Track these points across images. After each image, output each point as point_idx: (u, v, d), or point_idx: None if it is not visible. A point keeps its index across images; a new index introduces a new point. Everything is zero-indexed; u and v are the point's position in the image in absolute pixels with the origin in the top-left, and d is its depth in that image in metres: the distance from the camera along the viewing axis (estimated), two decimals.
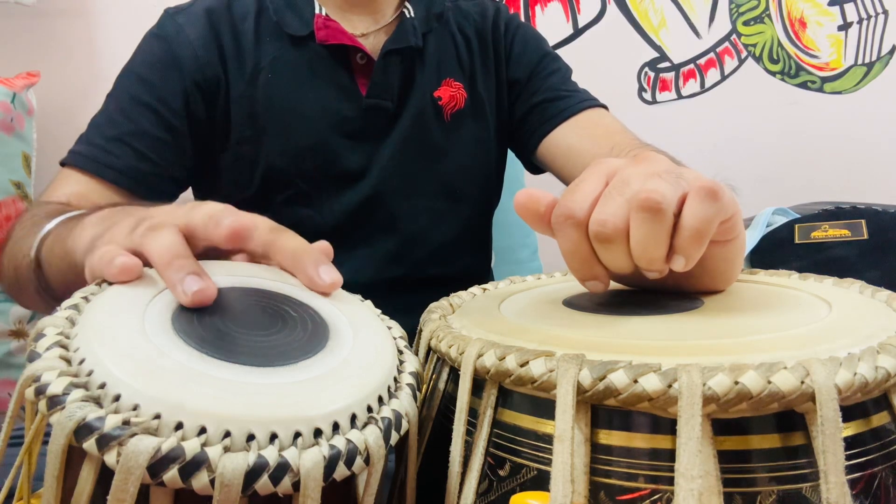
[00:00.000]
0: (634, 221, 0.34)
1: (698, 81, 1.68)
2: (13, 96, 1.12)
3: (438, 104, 0.80)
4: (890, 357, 0.28)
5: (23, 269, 0.55)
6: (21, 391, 0.28)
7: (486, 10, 0.86)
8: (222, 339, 0.30)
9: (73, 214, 0.52)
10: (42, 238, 0.53)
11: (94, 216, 0.46)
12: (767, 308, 0.38)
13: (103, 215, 0.45)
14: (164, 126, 0.72)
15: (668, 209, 0.33)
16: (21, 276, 0.57)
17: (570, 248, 0.36)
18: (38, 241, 0.53)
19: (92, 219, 0.45)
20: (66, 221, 0.52)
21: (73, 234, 0.46)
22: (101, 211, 0.47)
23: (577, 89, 0.85)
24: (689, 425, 0.26)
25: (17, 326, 1.10)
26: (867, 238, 1.02)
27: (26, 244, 0.55)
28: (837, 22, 1.72)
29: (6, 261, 0.62)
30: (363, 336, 0.34)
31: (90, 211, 0.49)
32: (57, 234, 0.51)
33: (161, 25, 0.76)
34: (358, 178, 0.78)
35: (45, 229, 0.53)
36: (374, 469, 0.29)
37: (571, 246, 0.36)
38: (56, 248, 0.50)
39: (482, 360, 0.32)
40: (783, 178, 1.68)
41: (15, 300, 0.68)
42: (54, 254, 0.50)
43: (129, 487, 0.24)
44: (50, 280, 0.51)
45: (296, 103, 0.75)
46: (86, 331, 0.29)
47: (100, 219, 0.45)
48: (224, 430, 0.26)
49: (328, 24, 0.75)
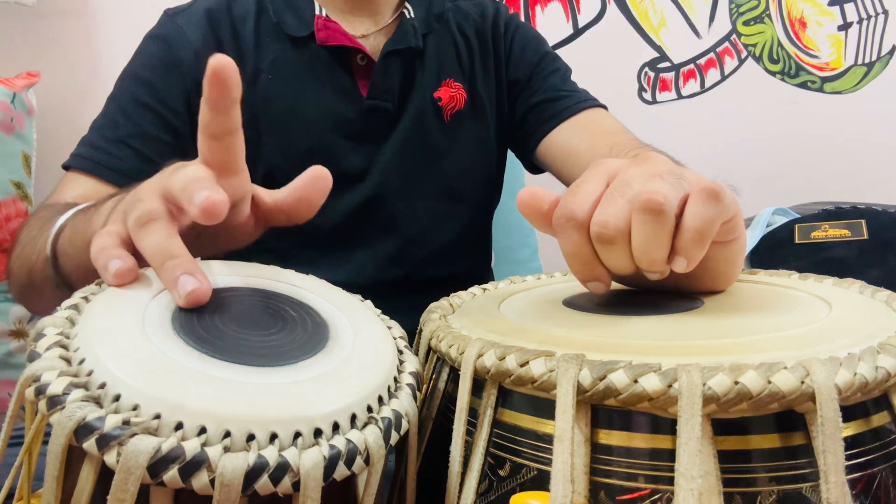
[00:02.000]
0: (636, 223, 0.34)
1: (698, 81, 1.68)
2: (13, 96, 1.12)
3: (438, 105, 0.80)
4: (890, 357, 0.28)
5: (38, 268, 0.55)
6: (21, 391, 0.28)
7: (486, 11, 0.86)
8: (222, 338, 0.30)
9: (87, 205, 0.52)
10: (57, 232, 0.52)
11: (109, 202, 0.46)
12: (767, 308, 0.38)
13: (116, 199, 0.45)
14: (165, 127, 0.72)
15: (669, 210, 0.33)
16: (36, 277, 0.56)
17: (572, 250, 0.36)
18: (53, 236, 0.52)
19: (108, 205, 0.45)
20: (80, 213, 0.51)
21: (91, 223, 0.45)
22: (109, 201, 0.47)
23: (577, 89, 0.85)
24: (689, 425, 0.26)
25: (17, 326, 1.10)
26: (867, 238, 1.02)
27: (40, 242, 0.54)
28: (837, 22, 1.72)
29: (16, 266, 0.61)
30: (363, 336, 0.34)
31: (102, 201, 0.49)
32: (73, 225, 0.51)
33: (161, 26, 0.76)
34: (358, 179, 0.78)
35: (58, 223, 0.52)
36: (374, 469, 0.29)
37: (573, 247, 0.36)
38: (76, 239, 0.49)
39: (482, 360, 0.32)
40: (783, 178, 1.68)
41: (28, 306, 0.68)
42: (74, 245, 0.49)
43: (129, 487, 0.24)
44: (69, 273, 0.51)
45: (296, 104, 0.75)
46: (86, 331, 0.29)
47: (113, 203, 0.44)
48: (224, 430, 0.26)
49: (328, 26, 0.75)
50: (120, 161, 0.70)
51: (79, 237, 0.49)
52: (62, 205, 0.64)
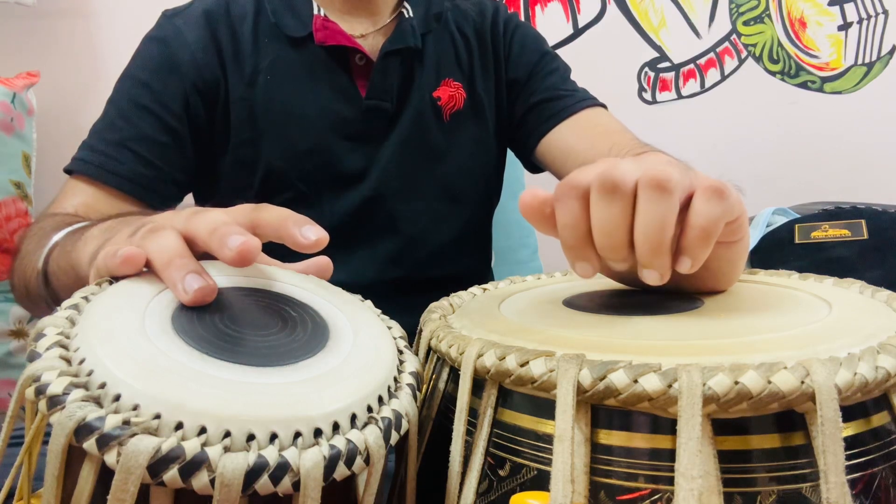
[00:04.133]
0: (642, 200, 0.33)
1: (698, 81, 1.68)
2: (13, 96, 1.12)
3: (437, 104, 0.80)
4: (890, 357, 0.28)
5: (32, 283, 0.56)
6: (21, 391, 0.28)
7: (485, 10, 0.86)
8: (222, 339, 0.30)
9: (78, 226, 0.53)
10: (48, 252, 0.53)
11: (96, 228, 0.46)
12: (767, 308, 0.38)
13: (105, 227, 0.46)
14: (165, 130, 0.72)
15: (675, 191, 0.33)
16: (31, 291, 0.57)
17: (568, 220, 0.35)
18: (44, 255, 0.53)
19: (94, 231, 0.46)
20: (70, 234, 0.52)
21: (76, 247, 0.46)
22: (104, 222, 0.47)
23: (576, 88, 0.85)
24: (690, 425, 0.26)
25: (17, 326, 1.10)
26: (867, 238, 1.02)
27: (34, 258, 0.55)
28: (837, 22, 1.72)
29: (17, 277, 0.62)
30: (363, 336, 0.34)
31: (94, 223, 0.49)
32: (62, 246, 0.52)
33: (159, 28, 0.76)
34: (358, 179, 0.78)
35: (50, 242, 0.53)
36: (374, 469, 0.29)
37: (570, 217, 0.35)
38: (62, 261, 0.50)
39: (482, 360, 0.32)
40: (783, 178, 1.68)
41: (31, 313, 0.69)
42: (60, 267, 0.50)
43: (129, 487, 0.24)
44: (59, 293, 0.52)
45: (295, 105, 0.75)
46: (86, 331, 0.29)
47: (102, 230, 0.45)
48: (224, 429, 0.26)
49: (327, 26, 0.75)
50: (121, 164, 0.70)
51: (64, 259, 0.49)
52: (61, 217, 0.64)
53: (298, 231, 0.36)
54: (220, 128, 0.75)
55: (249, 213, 0.37)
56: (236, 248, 0.33)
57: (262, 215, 0.37)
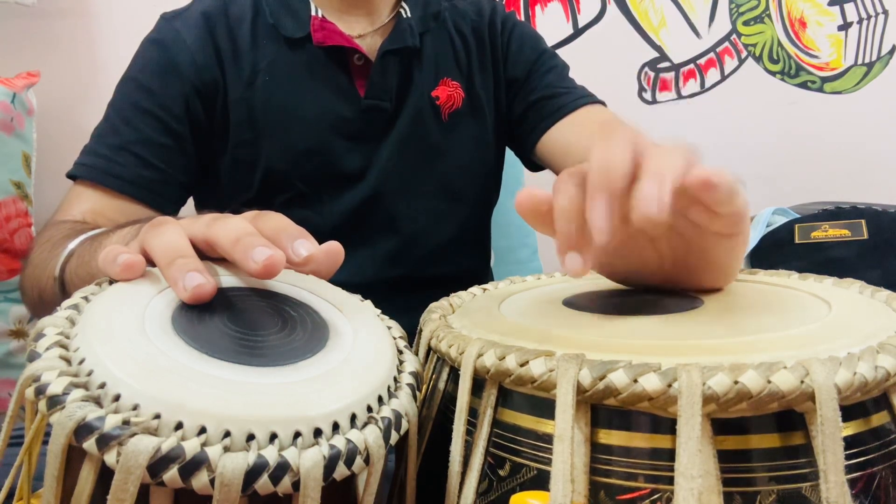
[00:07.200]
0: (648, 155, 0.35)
1: (698, 81, 1.68)
2: (13, 96, 1.12)
3: (436, 104, 0.80)
4: (890, 357, 0.28)
5: (48, 292, 0.56)
6: (21, 391, 0.28)
7: (483, 9, 0.86)
8: (222, 338, 0.30)
9: (94, 233, 0.53)
10: (65, 259, 0.53)
11: (114, 235, 0.46)
12: (767, 308, 0.38)
13: (122, 234, 0.46)
14: (166, 132, 0.72)
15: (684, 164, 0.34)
16: (46, 299, 0.57)
17: (565, 203, 0.35)
18: (61, 263, 0.53)
19: (113, 238, 0.46)
20: (87, 241, 0.52)
21: (95, 256, 0.46)
22: (121, 230, 0.47)
23: (575, 86, 0.85)
24: (689, 425, 0.26)
25: (17, 326, 1.10)
26: (867, 238, 1.02)
27: (49, 267, 0.55)
28: (837, 22, 1.72)
29: (28, 286, 0.63)
30: (363, 336, 0.34)
31: (111, 230, 0.50)
32: (80, 255, 0.52)
33: (158, 31, 0.76)
34: (357, 179, 0.78)
35: (67, 249, 0.53)
36: (374, 469, 0.29)
37: (566, 200, 0.35)
38: (80, 270, 0.50)
39: (482, 360, 0.32)
40: (783, 178, 1.68)
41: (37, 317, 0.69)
42: (79, 276, 0.50)
43: (129, 487, 0.24)
44: None
45: (294, 105, 0.75)
46: (86, 330, 0.29)
47: (118, 238, 0.46)
48: (224, 429, 0.26)
49: (325, 26, 0.75)
50: (123, 168, 0.70)
51: (83, 269, 0.50)
52: (70, 224, 0.64)
53: (290, 245, 0.35)
54: (220, 129, 0.75)
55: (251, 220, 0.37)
56: (262, 261, 0.32)
57: (258, 224, 0.36)
